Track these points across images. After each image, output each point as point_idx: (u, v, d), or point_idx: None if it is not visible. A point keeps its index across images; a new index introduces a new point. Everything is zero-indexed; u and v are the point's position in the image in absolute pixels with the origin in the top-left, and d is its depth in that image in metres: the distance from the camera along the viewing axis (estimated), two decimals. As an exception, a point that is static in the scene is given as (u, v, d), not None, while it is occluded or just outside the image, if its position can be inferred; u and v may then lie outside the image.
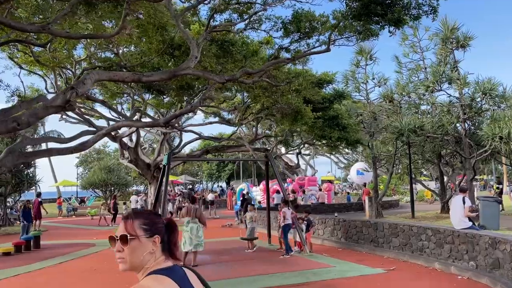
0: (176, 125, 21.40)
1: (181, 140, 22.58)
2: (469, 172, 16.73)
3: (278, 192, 23.76)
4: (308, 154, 46.17)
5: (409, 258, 10.50)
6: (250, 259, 11.55)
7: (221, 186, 56.54)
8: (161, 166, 20.16)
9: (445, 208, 20.69)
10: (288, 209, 12.03)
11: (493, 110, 16.53)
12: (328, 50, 10.56)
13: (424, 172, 45.96)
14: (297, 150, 22.62)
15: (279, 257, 11.54)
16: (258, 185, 31.18)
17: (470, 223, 9.44)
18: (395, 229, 11.27)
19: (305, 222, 12.52)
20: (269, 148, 18.40)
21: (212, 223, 23.34)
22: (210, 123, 19.45)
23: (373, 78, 20.53)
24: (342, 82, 21.16)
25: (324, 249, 12.88)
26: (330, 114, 15.44)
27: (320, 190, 25.49)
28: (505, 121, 15.17)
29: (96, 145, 61.28)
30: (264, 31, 11.29)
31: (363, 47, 20.74)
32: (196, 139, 19.76)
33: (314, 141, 18.29)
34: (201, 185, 74.20)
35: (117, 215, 22.45)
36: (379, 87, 20.85)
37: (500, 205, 15.83)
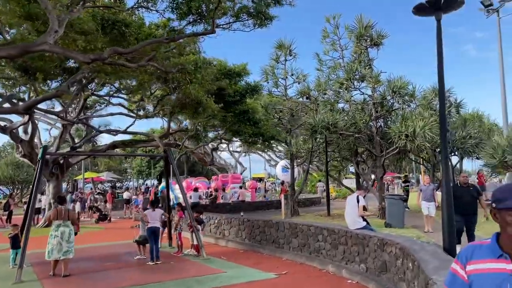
0: (83, 117, 19.51)
1: (87, 134, 20.64)
2: (379, 170, 16.79)
3: (195, 190, 22.68)
4: (238, 151, 45.49)
5: (306, 260, 9.93)
6: (136, 265, 10.37)
7: (146, 184, 54.10)
8: (61, 161, 18.24)
9: (361, 206, 20.88)
10: (153, 210, 10.78)
11: (403, 108, 16.72)
12: (212, 32, 9.63)
13: (352, 170, 47.25)
14: (212, 146, 21.65)
15: (170, 263, 10.47)
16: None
17: (364, 223, 9.03)
18: (295, 229, 10.67)
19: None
20: (180, 144, 17.26)
21: (123, 223, 21.72)
22: (112, 114, 17.87)
23: (292, 74, 20.15)
24: (262, 77, 20.63)
25: (225, 252, 12.02)
26: (241, 108, 14.60)
27: (241, 187, 24.75)
28: (412, 119, 15.34)
29: (11, 139, 55.98)
30: (157, 11, 10.15)
31: (283, 42, 20.30)
32: (95, 134, 18.01)
33: (228, 136, 17.38)
34: (130, 182, 70.88)
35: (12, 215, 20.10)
36: (298, 83, 20.53)
37: (405, 203, 15.97)
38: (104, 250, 13.03)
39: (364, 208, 9.32)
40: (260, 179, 48.46)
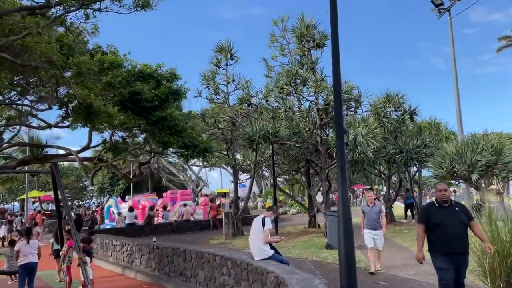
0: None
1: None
2: (324, 183, 15.09)
3: (131, 209, 20.49)
4: (198, 165, 43.36)
5: (209, 298, 8.05)
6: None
7: (100, 202, 51.14)
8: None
9: (312, 222, 19.18)
10: (28, 242, 8.53)
11: (347, 115, 15.18)
12: (49, 6, 7.81)
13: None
14: (139, 160, 19.65)
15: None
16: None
17: (272, 252, 7.19)
18: (201, 259, 8.78)
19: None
20: (103, 158, 15.22)
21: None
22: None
23: (234, 80, 18.45)
24: (203, 83, 18.87)
25: (127, 286, 10.01)
26: (158, 115, 12.70)
27: (185, 205, 22.64)
28: (355, 127, 13.79)
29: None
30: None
31: (223, 44, 18.65)
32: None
33: (156, 147, 15.44)
34: (91, 200, 67.50)
35: None
36: (242, 90, 18.85)
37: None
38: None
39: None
40: (224, 194, 46.26)
